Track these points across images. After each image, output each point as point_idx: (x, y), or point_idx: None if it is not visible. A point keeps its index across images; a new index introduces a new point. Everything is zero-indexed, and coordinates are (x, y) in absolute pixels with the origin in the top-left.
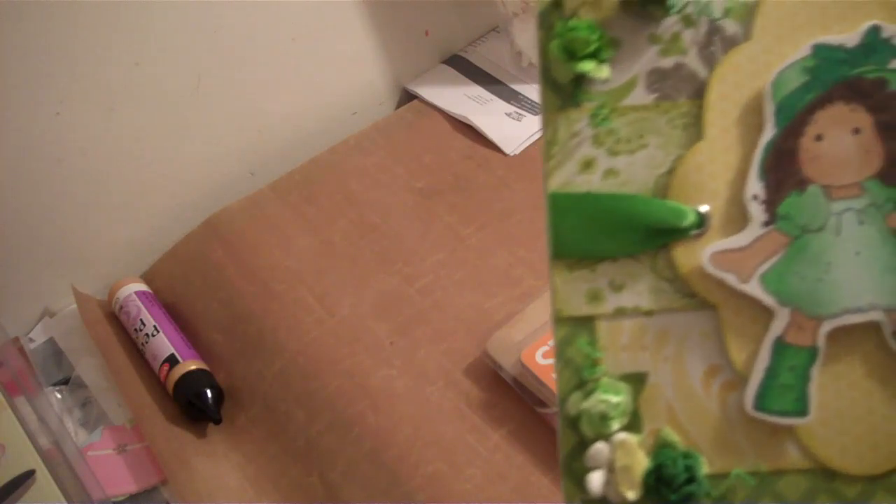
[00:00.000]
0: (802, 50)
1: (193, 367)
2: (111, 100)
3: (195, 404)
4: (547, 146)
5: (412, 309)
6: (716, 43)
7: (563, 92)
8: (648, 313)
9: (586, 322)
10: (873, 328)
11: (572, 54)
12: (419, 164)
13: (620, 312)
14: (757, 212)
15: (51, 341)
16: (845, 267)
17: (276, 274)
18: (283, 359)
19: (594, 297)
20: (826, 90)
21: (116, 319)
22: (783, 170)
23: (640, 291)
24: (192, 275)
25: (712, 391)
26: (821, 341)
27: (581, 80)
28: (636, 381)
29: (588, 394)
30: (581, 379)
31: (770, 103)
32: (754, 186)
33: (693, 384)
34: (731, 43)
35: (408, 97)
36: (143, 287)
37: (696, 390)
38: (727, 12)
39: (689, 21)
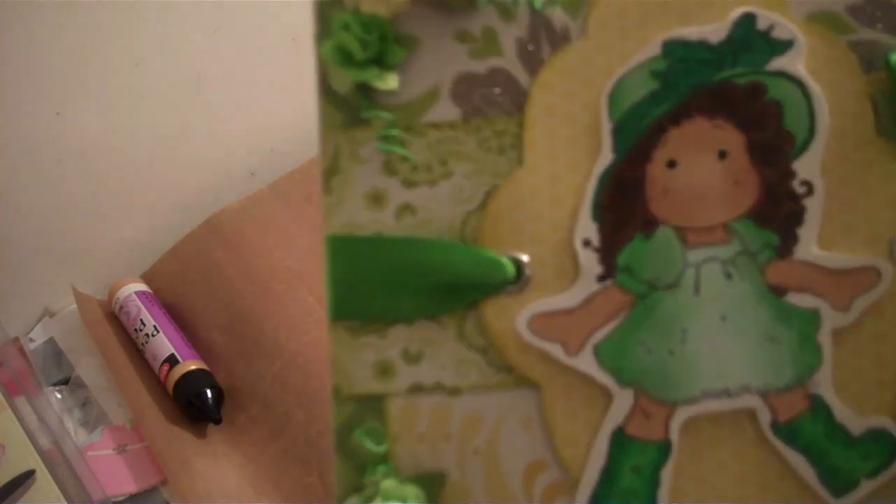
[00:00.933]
0: (650, 48)
1: (193, 367)
2: (111, 100)
3: (195, 404)
4: (325, 175)
5: None
6: (541, 41)
7: (345, 105)
8: (454, 391)
9: (374, 402)
10: (746, 416)
11: (349, 59)
12: None
13: (417, 389)
14: (589, 262)
15: (51, 341)
16: (706, 336)
17: (276, 274)
18: (283, 359)
19: (384, 370)
20: (681, 101)
21: (116, 319)
22: (624, 207)
23: (442, 363)
24: (192, 275)
25: (534, 494)
26: (674, 434)
27: (367, 91)
28: (434, 481)
29: (367, 500)
30: (360, 480)
31: (607, 119)
32: (586, 228)
33: (510, 485)
34: (560, 41)
35: None
36: (143, 287)
37: (514, 493)
38: (554, 1)
39: (507, 13)
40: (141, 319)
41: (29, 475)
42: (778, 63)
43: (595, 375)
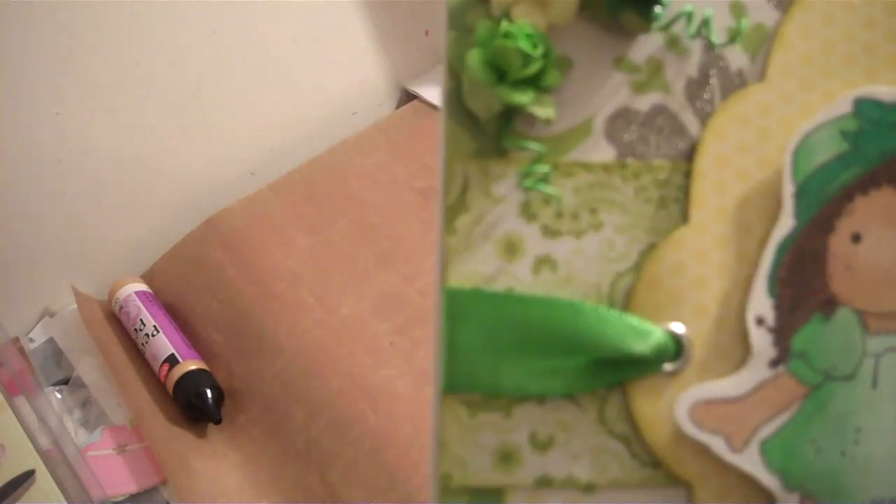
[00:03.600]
0: (840, 104)
1: (193, 367)
2: (111, 100)
3: (195, 404)
4: (448, 213)
5: (412, 309)
6: (714, 80)
7: (482, 131)
8: (589, 488)
9: (492, 496)
10: None
11: (502, 75)
12: (419, 164)
13: (545, 484)
14: (762, 343)
15: (51, 341)
16: (882, 436)
17: (276, 274)
18: (283, 359)
19: (507, 457)
20: (871, 168)
21: (116, 319)
22: (804, 283)
23: (577, 453)
24: (192, 275)
25: None
26: None
27: (510, 116)
28: None
29: None
30: None
31: (790, 181)
32: (760, 305)
33: None
34: (736, 82)
35: (408, 97)
36: (143, 287)
37: None
38: (733, 37)
39: (676, 44)
40: (141, 319)
41: (29, 475)
42: None
43: (760, 476)
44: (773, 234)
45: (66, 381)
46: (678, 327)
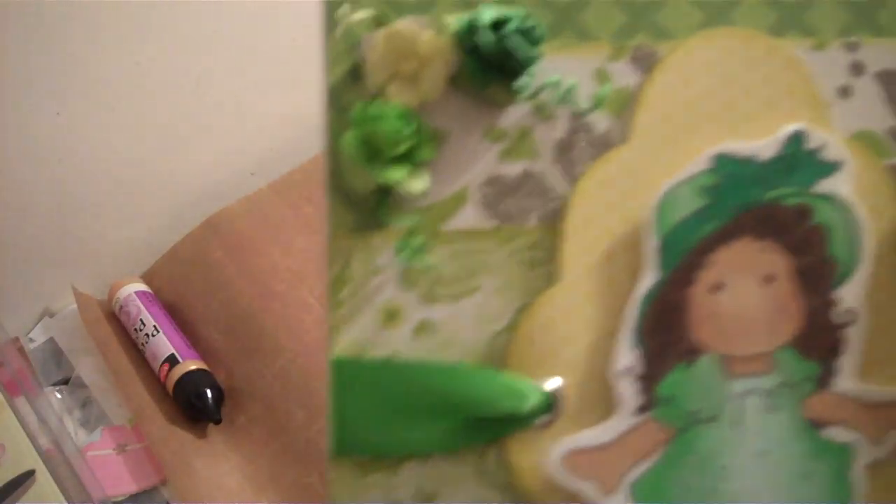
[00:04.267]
0: (699, 161)
1: (193, 367)
2: (111, 100)
3: (195, 404)
4: (333, 287)
5: None
6: (580, 145)
7: (360, 207)
8: None
9: None
10: None
11: (375, 154)
12: None
13: None
14: (629, 392)
15: (51, 341)
16: (746, 473)
17: (276, 274)
18: (283, 359)
19: None
20: (730, 220)
21: (116, 319)
22: (667, 333)
23: None
24: (192, 275)
25: None
26: None
27: (386, 192)
28: None
29: None
30: None
31: (652, 236)
32: (626, 356)
33: None
34: (601, 146)
35: None
36: (143, 287)
37: None
38: (598, 102)
39: (544, 111)
40: (141, 319)
41: (29, 475)
42: (825, 185)
43: None
44: (637, 288)
45: (66, 381)
46: (552, 381)
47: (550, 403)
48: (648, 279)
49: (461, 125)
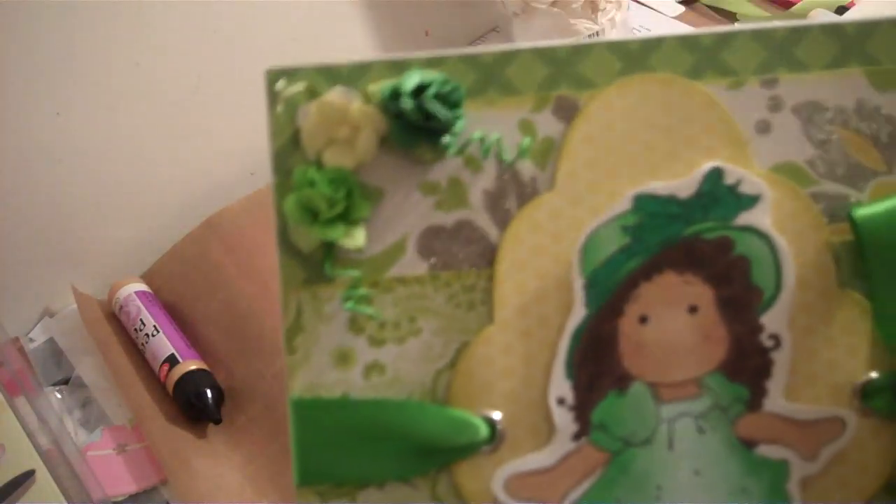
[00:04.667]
0: (620, 203)
1: (193, 367)
2: (111, 100)
3: (195, 404)
4: (288, 335)
5: None
6: (509, 193)
7: (308, 262)
8: None
9: None
10: None
11: (314, 215)
12: None
13: None
14: (564, 421)
15: (51, 341)
16: (680, 491)
17: (276, 274)
18: (283, 359)
19: None
20: (652, 256)
21: (116, 319)
22: (598, 364)
23: None
24: (192, 275)
25: None
26: None
27: (330, 247)
28: None
29: None
30: None
31: (578, 275)
32: (560, 387)
33: None
34: (528, 193)
35: None
36: (143, 287)
37: None
38: (522, 153)
39: (473, 164)
40: (141, 319)
41: (29, 475)
42: (745, 218)
43: None
44: (568, 323)
45: (66, 381)
46: (493, 413)
47: (493, 433)
48: (577, 315)
49: (396, 182)
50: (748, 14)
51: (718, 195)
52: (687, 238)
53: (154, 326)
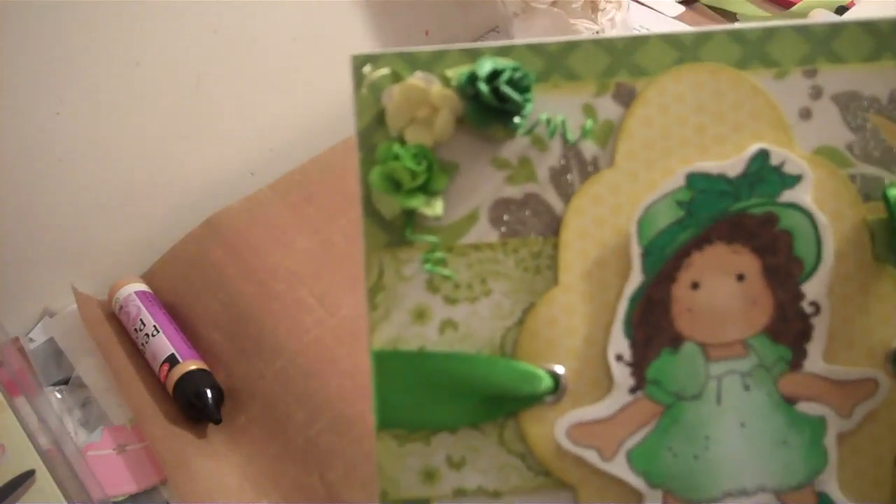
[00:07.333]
0: (675, 179)
1: (193, 367)
2: (111, 100)
3: (195, 404)
4: (371, 293)
5: None
6: (572, 169)
7: (391, 228)
8: (495, 495)
9: None
10: None
11: (397, 186)
12: None
13: (461, 494)
14: (622, 375)
15: (51, 341)
16: (727, 441)
17: (276, 274)
18: (283, 359)
19: (429, 475)
20: (704, 229)
21: (116, 319)
22: (653, 325)
23: (484, 469)
24: (192, 275)
25: None
26: None
27: (411, 215)
28: None
29: None
30: None
31: (637, 244)
32: (619, 345)
33: None
34: (590, 169)
35: None
36: (143, 287)
37: None
38: (585, 133)
39: (539, 143)
40: (141, 319)
41: (29, 475)
42: (789, 195)
43: (627, 479)
44: (626, 287)
45: (66, 381)
46: (556, 367)
47: (556, 385)
48: (635, 280)
49: (470, 158)
50: (748, 14)
51: (764, 174)
52: (735, 213)
53: (154, 326)
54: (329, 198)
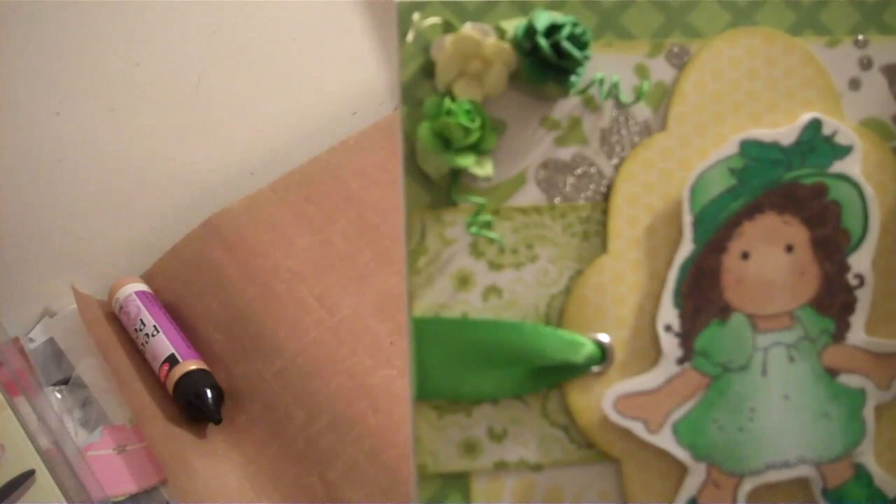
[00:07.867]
0: (728, 146)
1: (193, 367)
2: (111, 100)
3: (195, 404)
4: (411, 256)
5: None
6: (623, 132)
7: (434, 187)
8: (537, 468)
9: (459, 479)
10: (800, 485)
11: (447, 144)
12: None
13: (502, 467)
14: (670, 346)
15: (51, 341)
16: (771, 413)
17: (276, 274)
18: (283, 359)
19: (470, 448)
20: (755, 197)
21: (116, 319)
22: (702, 295)
23: (526, 441)
24: (192, 275)
25: None
26: (741, 501)
27: (457, 175)
28: None
29: None
30: None
31: (688, 212)
32: (668, 315)
33: None
34: (641, 133)
35: None
36: (143, 287)
37: None
38: (639, 96)
39: (591, 104)
40: (141, 319)
41: (29, 475)
42: (839, 166)
43: (673, 451)
44: (676, 256)
45: (66, 381)
46: (603, 337)
47: (603, 355)
48: (685, 249)
49: (520, 116)
50: None
51: (816, 144)
52: (787, 182)
53: (154, 326)
54: (329, 198)
